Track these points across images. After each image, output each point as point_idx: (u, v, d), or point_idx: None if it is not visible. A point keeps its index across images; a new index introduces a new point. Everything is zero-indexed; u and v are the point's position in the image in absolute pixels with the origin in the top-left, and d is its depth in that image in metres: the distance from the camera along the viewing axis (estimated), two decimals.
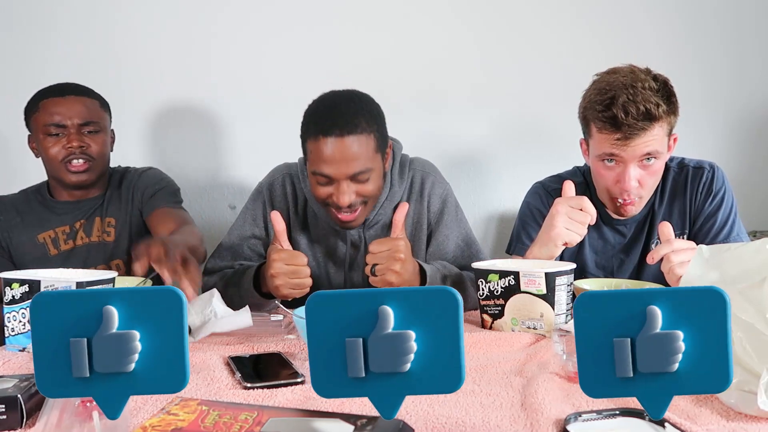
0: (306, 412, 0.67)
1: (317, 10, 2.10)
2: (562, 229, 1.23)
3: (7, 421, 0.66)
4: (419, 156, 1.55)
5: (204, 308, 1.15)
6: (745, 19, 2.26)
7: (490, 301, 1.14)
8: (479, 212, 2.18)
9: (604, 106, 1.28)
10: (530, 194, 1.57)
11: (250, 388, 0.78)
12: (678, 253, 1.13)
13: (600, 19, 2.20)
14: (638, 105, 1.25)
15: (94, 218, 1.56)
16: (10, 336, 0.97)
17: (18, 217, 1.55)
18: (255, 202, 1.49)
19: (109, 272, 1.03)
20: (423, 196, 1.45)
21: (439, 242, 1.44)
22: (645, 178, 1.34)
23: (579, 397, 0.76)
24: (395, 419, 0.62)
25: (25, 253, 1.53)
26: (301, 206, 1.47)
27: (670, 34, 2.22)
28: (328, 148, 1.25)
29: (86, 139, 1.50)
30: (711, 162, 1.46)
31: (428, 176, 1.47)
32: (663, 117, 1.27)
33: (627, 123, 1.25)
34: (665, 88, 1.30)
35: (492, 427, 0.67)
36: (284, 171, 1.50)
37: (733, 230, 1.40)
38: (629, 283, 1.35)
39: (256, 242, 1.47)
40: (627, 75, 1.30)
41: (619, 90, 1.27)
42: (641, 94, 1.26)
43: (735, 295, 0.72)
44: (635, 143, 1.27)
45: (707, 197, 1.42)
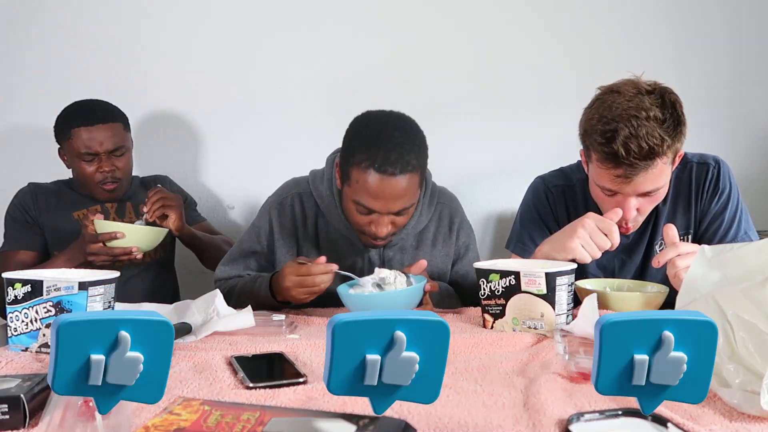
0: (308, 412, 0.67)
1: (315, 14, 2.10)
2: (578, 246, 1.19)
3: (10, 421, 0.66)
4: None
5: (207, 307, 1.15)
6: (746, 17, 2.26)
7: (491, 300, 1.14)
8: (479, 212, 2.18)
9: (605, 139, 1.20)
10: (531, 189, 1.54)
11: (252, 388, 0.78)
12: (684, 258, 1.12)
13: (600, 21, 2.20)
14: (640, 142, 1.16)
15: (125, 203, 1.76)
16: (13, 336, 0.97)
17: (54, 199, 1.73)
18: (261, 220, 1.48)
19: (112, 272, 1.03)
20: (452, 230, 1.50)
21: (460, 275, 1.53)
22: (646, 206, 1.29)
23: (581, 397, 0.76)
24: (398, 419, 0.62)
25: (60, 230, 1.68)
26: (311, 224, 1.45)
27: (672, 35, 2.22)
28: (377, 184, 1.23)
29: (116, 162, 1.68)
30: (715, 156, 1.40)
31: (457, 213, 1.52)
32: (667, 152, 1.20)
33: (627, 162, 1.18)
34: (672, 114, 1.20)
35: (494, 427, 0.67)
36: (293, 189, 1.47)
37: (741, 228, 1.36)
38: (632, 283, 1.35)
39: (259, 258, 1.48)
40: (631, 99, 1.20)
41: (621, 122, 1.18)
42: (644, 127, 1.17)
43: (737, 295, 0.72)
44: (636, 181, 1.21)
45: (713, 196, 1.36)
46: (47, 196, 1.73)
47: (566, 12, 2.19)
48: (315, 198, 1.44)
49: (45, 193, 1.74)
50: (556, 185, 1.48)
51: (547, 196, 1.48)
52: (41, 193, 1.73)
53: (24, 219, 1.70)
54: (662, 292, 1.23)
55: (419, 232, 1.47)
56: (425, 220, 1.46)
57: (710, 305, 0.74)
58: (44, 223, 1.70)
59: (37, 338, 0.96)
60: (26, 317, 0.96)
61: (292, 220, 1.45)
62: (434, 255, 1.49)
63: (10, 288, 0.97)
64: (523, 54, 2.18)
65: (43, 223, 1.70)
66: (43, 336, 0.96)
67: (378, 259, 1.45)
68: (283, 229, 1.45)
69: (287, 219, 1.45)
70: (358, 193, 1.26)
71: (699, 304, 0.76)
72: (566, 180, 1.49)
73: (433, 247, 1.49)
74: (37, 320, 0.96)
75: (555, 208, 1.48)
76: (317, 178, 1.46)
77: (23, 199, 1.72)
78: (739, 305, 0.71)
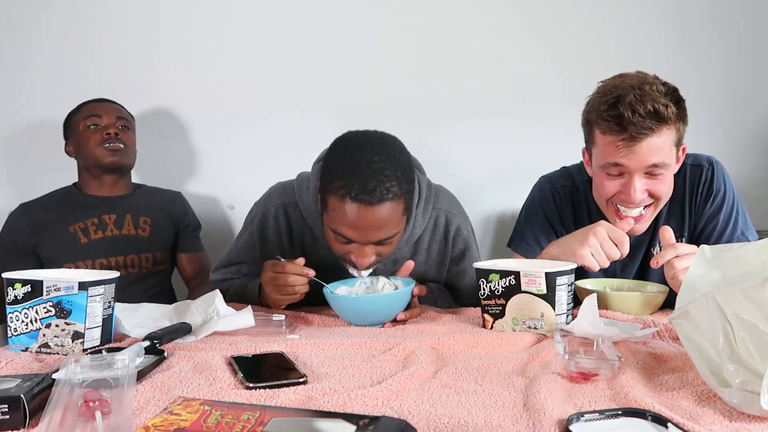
0: (308, 412, 0.67)
1: (317, 17, 2.10)
2: (588, 254, 1.19)
3: (10, 421, 0.66)
4: (422, 161, 1.54)
5: (207, 308, 1.15)
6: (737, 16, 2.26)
7: (491, 300, 1.14)
8: (479, 211, 2.18)
9: (609, 105, 1.22)
10: (537, 189, 1.53)
11: (252, 388, 0.78)
12: (682, 259, 1.11)
13: (604, 21, 2.20)
14: (646, 104, 1.18)
15: (124, 215, 1.77)
16: (13, 336, 0.97)
17: (49, 212, 1.74)
18: (246, 231, 1.44)
19: (112, 272, 1.03)
20: (448, 239, 1.42)
21: (453, 274, 1.47)
22: (656, 186, 1.26)
23: (581, 397, 0.76)
24: (398, 419, 0.62)
25: (56, 243, 1.70)
26: (298, 236, 1.39)
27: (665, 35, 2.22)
28: (355, 213, 1.14)
29: (120, 134, 1.77)
30: (709, 157, 1.39)
31: (454, 218, 1.41)
32: (671, 120, 1.20)
33: (633, 122, 1.18)
34: (674, 93, 1.24)
35: (494, 427, 0.67)
36: (277, 201, 1.39)
37: (737, 229, 1.35)
38: (632, 283, 1.34)
39: (250, 266, 1.47)
40: (634, 78, 1.24)
41: (626, 90, 1.21)
42: (649, 94, 1.19)
43: (737, 295, 0.72)
44: (641, 149, 1.20)
45: (707, 198, 1.35)
46: (40, 212, 1.74)
47: (567, 16, 2.19)
48: (301, 210, 1.37)
49: (38, 210, 1.75)
50: (563, 185, 1.48)
51: (553, 196, 1.47)
52: (35, 211, 1.75)
53: (14, 247, 1.71)
54: (662, 292, 1.23)
55: (414, 242, 1.40)
56: (419, 230, 1.38)
57: (710, 305, 0.73)
58: (38, 242, 1.70)
59: (37, 338, 0.96)
60: (26, 317, 0.96)
61: (276, 233, 1.39)
62: (429, 264, 1.43)
63: (10, 288, 0.97)
64: (523, 55, 2.19)
65: (37, 243, 1.70)
66: (43, 336, 0.96)
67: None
68: (267, 243, 1.40)
69: (271, 233, 1.39)
70: (335, 221, 1.17)
71: (699, 304, 0.76)
72: (572, 180, 1.48)
73: (428, 255, 1.43)
74: (37, 320, 0.96)
75: (561, 209, 1.47)
76: (303, 188, 1.37)
77: (13, 225, 1.73)
78: (739, 305, 0.71)
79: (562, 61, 2.17)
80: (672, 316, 0.81)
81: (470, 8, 2.16)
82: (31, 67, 2.00)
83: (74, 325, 0.95)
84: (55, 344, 0.96)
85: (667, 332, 1.05)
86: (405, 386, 0.79)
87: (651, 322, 1.11)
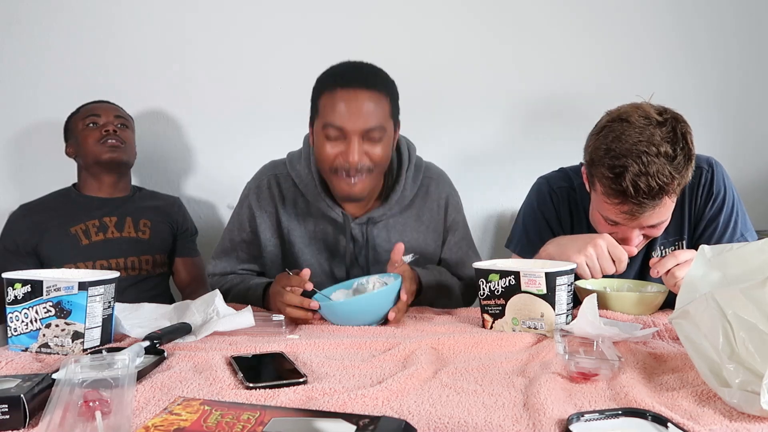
0: (308, 412, 0.67)
1: (316, 16, 2.10)
2: (583, 263, 1.19)
3: (10, 421, 0.65)
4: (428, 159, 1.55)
5: (206, 307, 1.15)
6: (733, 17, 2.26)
7: (491, 300, 1.14)
8: (479, 211, 2.18)
9: (614, 174, 1.15)
10: (535, 190, 1.53)
11: (252, 388, 0.78)
12: (682, 267, 1.11)
13: (600, 23, 2.20)
14: (650, 180, 1.12)
15: (125, 217, 1.78)
16: (13, 336, 0.97)
17: (50, 213, 1.75)
18: (241, 207, 1.49)
19: (112, 272, 1.03)
20: (440, 208, 1.48)
21: (451, 246, 1.51)
22: (649, 234, 1.27)
23: (581, 397, 0.76)
24: (398, 419, 0.62)
25: (57, 244, 1.70)
26: (290, 203, 1.45)
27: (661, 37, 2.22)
28: (344, 99, 1.24)
29: (119, 131, 1.78)
30: (708, 158, 1.36)
31: (444, 188, 1.49)
32: (677, 189, 1.16)
33: (635, 201, 1.14)
34: (683, 149, 1.14)
35: (494, 427, 0.67)
36: (269, 172, 1.48)
37: (737, 230, 1.34)
38: (632, 283, 1.34)
39: (248, 245, 1.48)
40: (642, 131, 1.14)
41: (631, 158, 1.13)
42: (655, 164, 1.11)
43: (737, 295, 0.72)
44: (642, 217, 1.19)
45: (707, 201, 1.34)
46: (41, 213, 1.74)
47: (568, 15, 2.19)
48: (293, 178, 1.44)
49: (39, 211, 1.75)
50: (561, 186, 1.48)
51: (551, 197, 1.47)
52: (35, 212, 1.75)
53: (15, 248, 1.72)
54: (662, 292, 1.23)
55: (404, 207, 1.45)
56: (410, 194, 1.44)
57: (710, 305, 0.74)
58: (39, 243, 1.71)
59: (37, 338, 0.96)
60: (26, 317, 0.96)
61: (271, 201, 1.45)
62: (420, 231, 1.46)
63: (10, 288, 0.97)
64: (529, 52, 2.19)
65: (37, 244, 1.71)
66: (43, 336, 0.96)
67: (361, 237, 1.43)
68: (263, 211, 1.45)
69: (266, 201, 1.45)
70: (327, 115, 1.26)
71: (699, 304, 0.76)
72: (569, 182, 1.48)
73: (419, 222, 1.46)
74: (37, 320, 0.96)
75: (559, 209, 1.47)
76: (294, 158, 1.46)
77: (14, 227, 1.73)
78: (739, 305, 0.71)
79: (563, 61, 2.17)
80: (672, 316, 0.81)
81: (468, 17, 2.16)
82: (32, 69, 2.00)
83: (74, 325, 0.95)
84: (55, 344, 0.96)
85: (667, 332, 1.05)
86: (405, 386, 0.79)
87: (651, 322, 1.11)
